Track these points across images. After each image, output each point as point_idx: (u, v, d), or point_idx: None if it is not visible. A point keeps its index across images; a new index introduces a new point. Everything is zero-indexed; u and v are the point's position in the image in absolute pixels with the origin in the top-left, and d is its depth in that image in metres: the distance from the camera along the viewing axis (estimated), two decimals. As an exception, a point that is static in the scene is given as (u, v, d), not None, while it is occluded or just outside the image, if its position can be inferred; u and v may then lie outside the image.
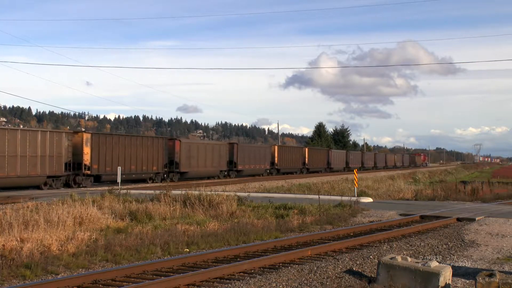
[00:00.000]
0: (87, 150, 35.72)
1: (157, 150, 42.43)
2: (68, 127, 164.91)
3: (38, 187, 32.44)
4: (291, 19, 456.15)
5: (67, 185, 34.42)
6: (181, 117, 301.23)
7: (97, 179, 36.79)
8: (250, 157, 54.88)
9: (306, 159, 68.94)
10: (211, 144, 52.49)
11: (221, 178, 49.95)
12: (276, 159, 60.99)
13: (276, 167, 61.14)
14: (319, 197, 22.12)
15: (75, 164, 34.99)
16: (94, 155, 36.07)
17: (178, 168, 44.29)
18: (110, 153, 37.47)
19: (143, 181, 40.91)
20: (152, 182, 40.66)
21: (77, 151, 35.18)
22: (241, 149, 53.65)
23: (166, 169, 43.35)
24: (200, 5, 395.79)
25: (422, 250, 12.84)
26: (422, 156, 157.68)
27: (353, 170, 31.80)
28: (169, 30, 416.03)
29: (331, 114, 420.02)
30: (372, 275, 9.95)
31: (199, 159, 46.84)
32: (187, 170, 45.13)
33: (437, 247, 13.23)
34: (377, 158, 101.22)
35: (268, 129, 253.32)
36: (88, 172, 35.90)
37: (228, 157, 51.48)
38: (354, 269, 10.46)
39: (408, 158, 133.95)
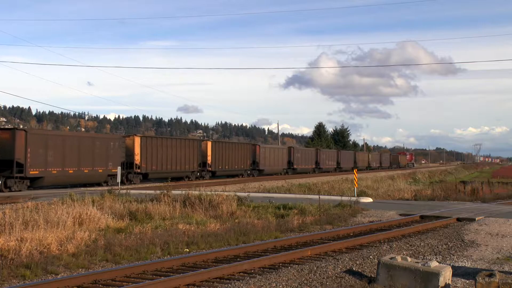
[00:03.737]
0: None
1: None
2: (68, 127, 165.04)
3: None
4: (291, 19, 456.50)
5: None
6: (181, 117, 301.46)
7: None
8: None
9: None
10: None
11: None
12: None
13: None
14: (319, 197, 22.12)
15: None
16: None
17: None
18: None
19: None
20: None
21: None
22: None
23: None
24: (199, 5, 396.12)
25: (422, 250, 12.84)
26: (408, 156, 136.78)
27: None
28: (169, 30, 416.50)
29: (331, 114, 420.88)
30: (372, 275, 9.95)
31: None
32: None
33: (437, 247, 13.23)
34: (342, 157, 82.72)
35: (268, 129, 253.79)
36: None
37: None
38: (354, 269, 10.46)
39: (389, 158, 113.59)
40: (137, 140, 39.83)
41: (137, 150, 39.48)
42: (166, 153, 42.27)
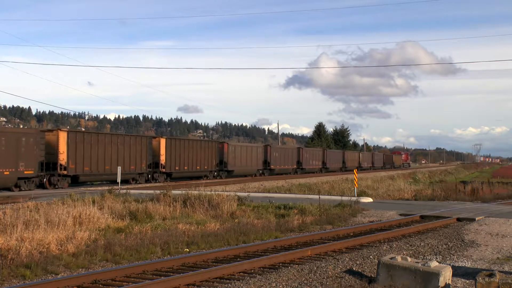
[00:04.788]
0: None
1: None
2: (68, 127, 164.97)
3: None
4: (291, 19, 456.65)
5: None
6: (181, 117, 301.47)
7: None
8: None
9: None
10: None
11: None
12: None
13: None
14: (319, 197, 22.12)
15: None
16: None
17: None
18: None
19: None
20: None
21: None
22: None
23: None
24: (199, 5, 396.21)
25: (422, 250, 12.83)
26: (403, 155, 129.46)
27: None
28: (169, 30, 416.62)
29: (330, 114, 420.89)
30: (372, 275, 9.95)
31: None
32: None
33: (437, 247, 13.23)
34: (328, 157, 74.52)
35: (268, 129, 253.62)
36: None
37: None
38: (354, 269, 10.46)
39: (382, 158, 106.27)
40: (63, 136, 33.25)
41: (62, 147, 32.97)
42: (103, 151, 36.06)
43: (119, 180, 28.32)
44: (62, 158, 32.93)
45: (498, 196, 31.51)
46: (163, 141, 42.67)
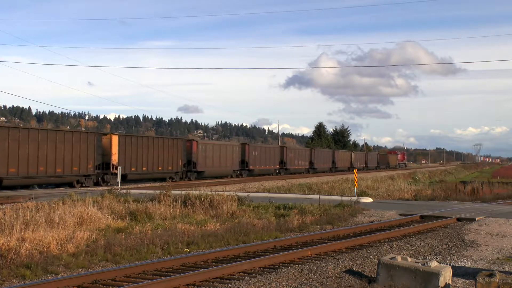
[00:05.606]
0: None
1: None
2: (68, 127, 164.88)
3: None
4: (291, 19, 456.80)
5: None
6: (181, 117, 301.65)
7: None
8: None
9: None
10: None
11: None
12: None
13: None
14: (319, 197, 22.12)
15: None
16: None
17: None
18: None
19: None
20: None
21: None
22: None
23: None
24: (199, 5, 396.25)
25: (422, 250, 12.83)
26: (399, 155, 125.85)
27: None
28: (169, 30, 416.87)
29: (331, 114, 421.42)
30: (372, 275, 9.95)
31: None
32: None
33: (437, 247, 13.22)
34: (316, 157, 69.89)
35: (268, 129, 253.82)
36: None
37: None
38: (354, 269, 10.46)
39: (376, 158, 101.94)
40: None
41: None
42: (36, 150, 30.67)
43: (119, 179, 28.30)
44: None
45: (498, 196, 31.51)
46: (115, 138, 37.78)
